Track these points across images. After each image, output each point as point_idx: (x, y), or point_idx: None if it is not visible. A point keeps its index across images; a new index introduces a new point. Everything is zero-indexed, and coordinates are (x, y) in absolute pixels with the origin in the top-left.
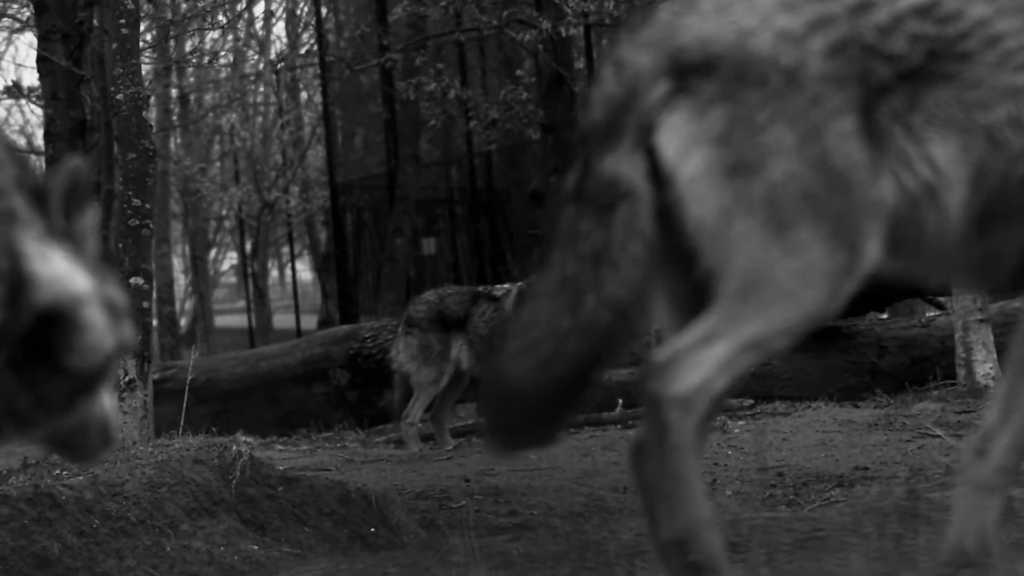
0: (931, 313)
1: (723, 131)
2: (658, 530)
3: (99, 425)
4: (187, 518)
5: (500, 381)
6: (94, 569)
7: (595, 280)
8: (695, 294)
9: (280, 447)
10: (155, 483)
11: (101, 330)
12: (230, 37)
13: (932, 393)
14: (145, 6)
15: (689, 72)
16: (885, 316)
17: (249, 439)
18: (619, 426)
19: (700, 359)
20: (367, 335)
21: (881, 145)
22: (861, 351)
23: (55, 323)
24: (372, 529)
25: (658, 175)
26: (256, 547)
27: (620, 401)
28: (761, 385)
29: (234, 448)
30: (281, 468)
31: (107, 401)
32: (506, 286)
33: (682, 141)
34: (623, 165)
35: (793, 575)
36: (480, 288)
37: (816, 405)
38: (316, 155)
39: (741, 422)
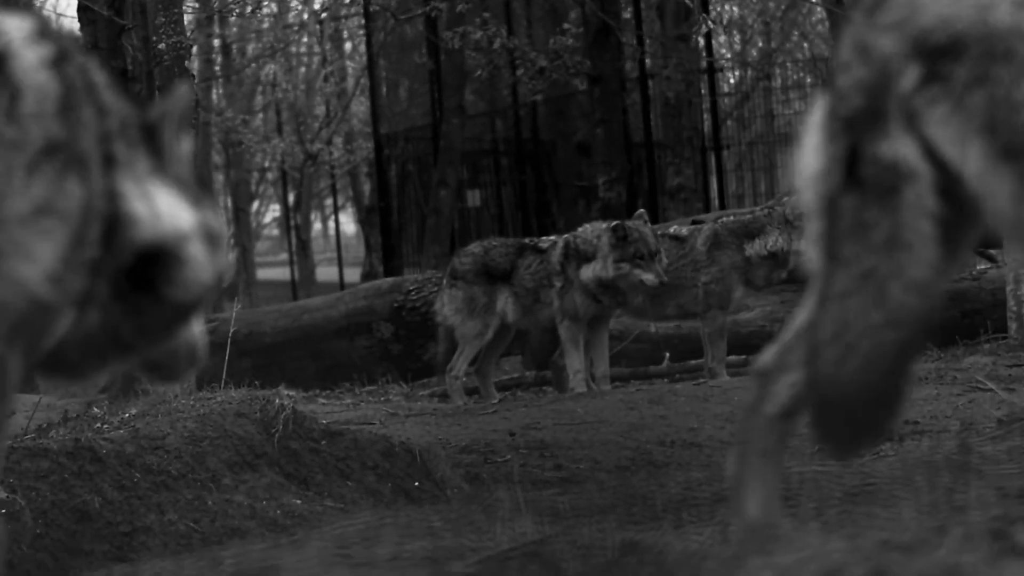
0: (982, 266)
1: (987, 118)
2: None
3: (188, 349)
4: (229, 472)
5: (833, 390)
6: (135, 523)
7: (894, 267)
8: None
9: (323, 401)
10: (197, 437)
11: (202, 263)
12: None
13: (983, 347)
14: None
15: (938, 56)
16: None
17: (292, 392)
18: (666, 380)
19: None
20: (411, 288)
21: None
22: None
23: (157, 258)
24: (416, 483)
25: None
26: (299, 501)
27: (667, 355)
28: None
29: (277, 401)
30: (324, 422)
31: (196, 325)
32: (552, 238)
33: (953, 137)
34: (900, 148)
35: (843, 527)
36: (526, 240)
37: None
38: (360, 106)
39: None
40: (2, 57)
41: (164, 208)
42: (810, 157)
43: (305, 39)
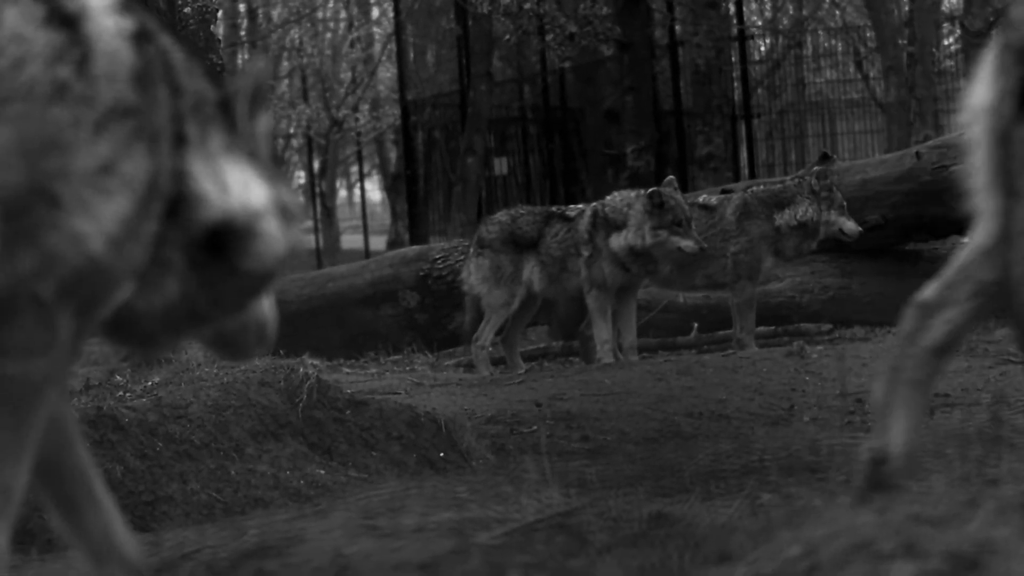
0: None
1: None
2: None
3: (258, 325)
4: (252, 441)
5: None
6: (157, 492)
7: None
8: None
9: (348, 370)
10: (220, 406)
11: (275, 237)
12: None
13: None
14: None
15: None
16: (967, 240)
17: (316, 361)
18: (694, 350)
19: None
20: (437, 256)
21: None
22: None
23: (230, 232)
24: (441, 454)
25: None
26: (322, 471)
27: (695, 325)
28: (840, 310)
29: (301, 370)
30: (349, 391)
31: (266, 303)
32: (580, 206)
33: None
34: None
35: (873, 500)
36: (553, 208)
37: (896, 330)
38: (386, 72)
39: (820, 347)
40: (77, 18)
41: (235, 186)
42: (981, 90)
43: (331, 3)
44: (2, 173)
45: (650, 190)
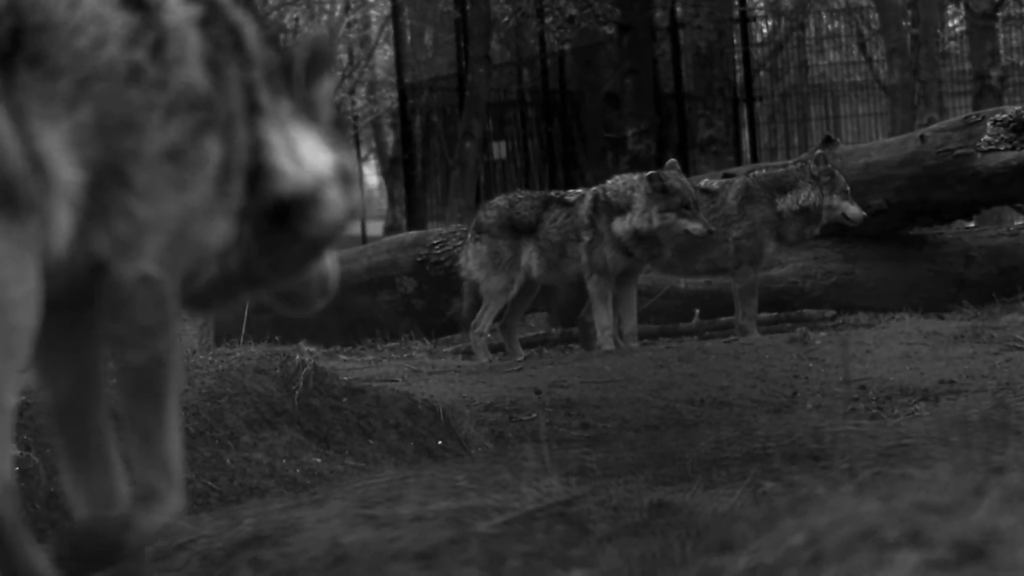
0: (1020, 221)
1: None
2: None
3: (320, 280)
4: (248, 430)
5: None
6: None
7: None
8: None
9: (344, 357)
10: (215, 393)
11: (337, 203)
12: None
13: (1021, 304)
14: None
15: None
16: (972, 224)
17: (312, 348)
18: (696, 337)
19: None
20: (435, 242)
21: None
22: (947, 261)
23: (296, 202)
24: (439, 442)
25: None
26: (319, 460)
27: (697, 311)
28: (843, 295)
29: (297, 357)
30: (345, 378)
31: (328, 258)
32: (579, 191)
33: None
34: None
35: (877, 488)
36: (552, 193)
37: (900, 316)
38: (384, 55)
39: (823, 333)
40: (154, 6)
41: (306, 155)
42: None
43: None
44: (84, 149)
45: (649, 173)
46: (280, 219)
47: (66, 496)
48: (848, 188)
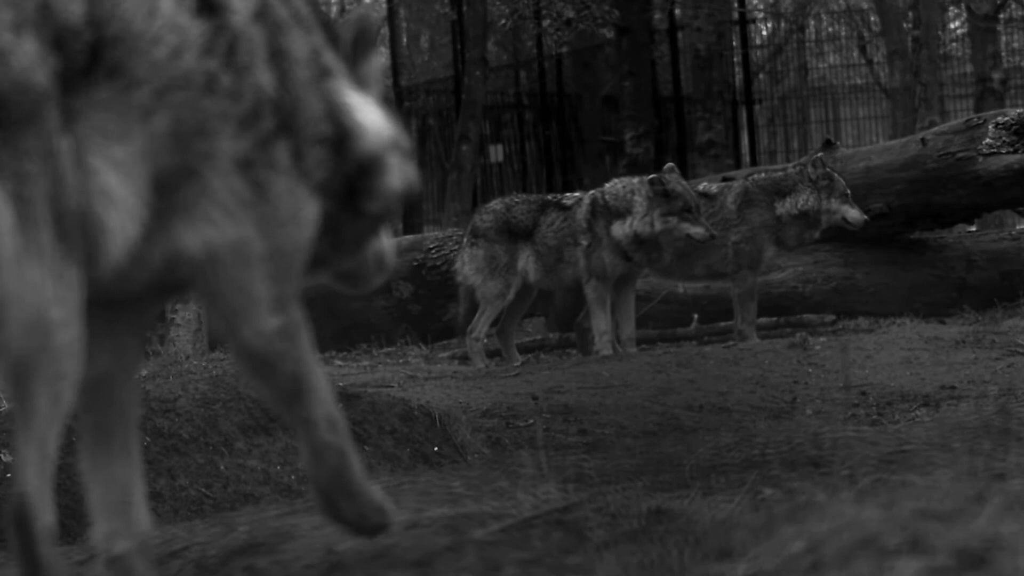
0: (1022, 225)
1: None
2: None
3: (377, 257)
4: (242, 436)
5: None
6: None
7: None
8: None
9: (340, 362)
10: (209, 399)
11: (397, 172)
12: None
13: (1023, 309)
14: None
15: None
16: (974, 228)
17: None
18: (694, 342)
19: None
20: (431, 246)
21: None
22: (948, 265)
23: (365, 171)
24: (435, 448)
25: None
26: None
27: (695, 316)
28: (843, 300)
29: None
30: (341, 384)
31: (385, 235)
32: (577, 194)
33: None
34: None
35: (878, 494)
36: (549, 197)
37: (901, 321)
38: (379, 57)
39: (822, 339)
40: (219, 6)
41: (375, 119)
42: None
43: None
44: (160, 156)
45: (651, 177)
46: (346, 191)
47: (80, 480)
48: (848, 192)
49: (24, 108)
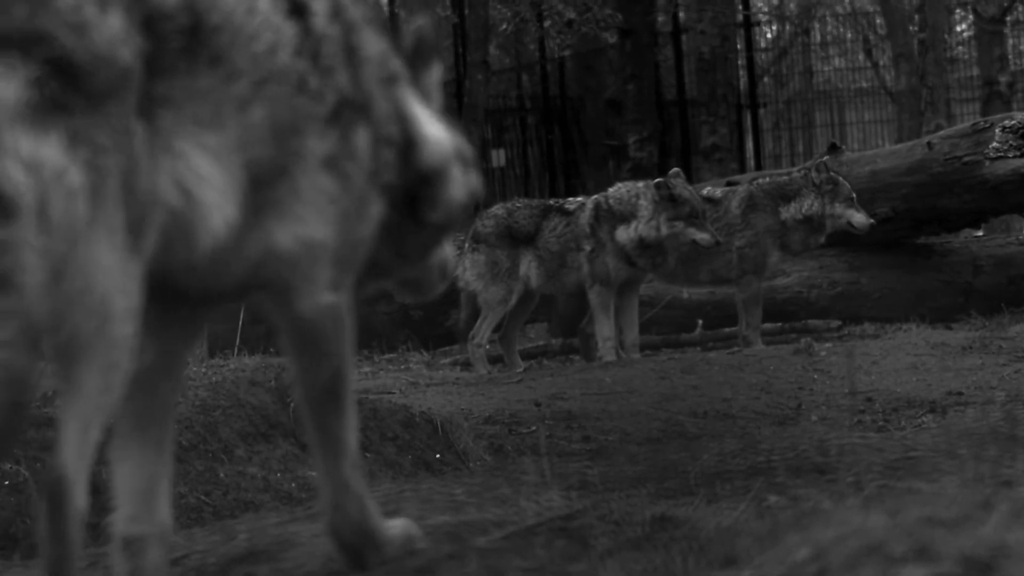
0: None
1: None
2: None
3: (440, 266)
4: (242, 443)
5: None
6: None
7: None
8: None
9: None
10: (209, 406)
11: (460, 182)
12: None
13: None
14: None
15: None
16: (980, 233)
17: None
18: (699, 348)
19: None
20: None
21: None
22: (955, 270)
23: (427, 180)
24: (437, 455)
25: None
26: (314, 473)
27: (700, 322)
28: (849, 305)
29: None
30: None
31: (446, 244)
32: (579, 199)
33: None
34: None
35: (884, 501)
36: (551, 201)
37: (907, 327)
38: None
39: (828, 344)
40: (306, 9)
41: (438, 130)
42: None
43: None
44: (253, 148)
45: (657, 180)
46: (409, 201)
47: (108, 469)
48: (854, 196)
49: (104, 81)
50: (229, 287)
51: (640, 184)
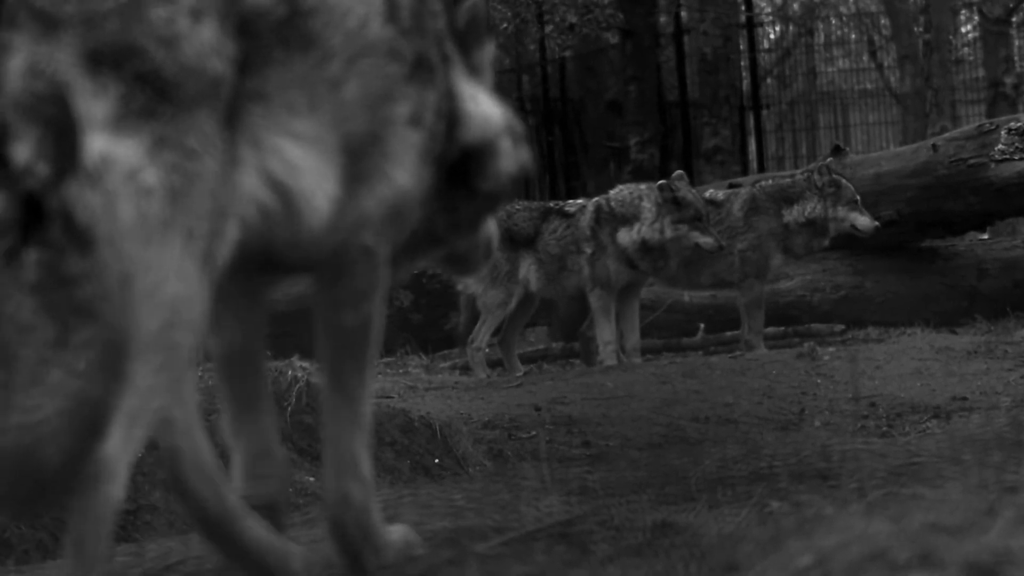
0: None
1: None
2: None
3: (486, 243)
4: None
5: None
6: (139, 501)
7: None
8: None
9: None
10: (205, 410)
11: (510, 156)
12: None
13: None
14: None
15: None
16: (985, 236)
17: (305, 364)
18: (700, 352)
19: None
20: None
21: None
22: (960, 273)
23: (476, 153)
24: (436, 460)
25: None
26: (312, 478)
27: (701, 326)
28: (852, 309)
29: (289, 373)
30: None
31: (491, 222)
32: (580, 201)
33: None
34: None
35: (887, 508)
36: (552, 204)
37: (911, 331)
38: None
39: (831, 349)
40: None
41: (486, 107)
42: None
43: None
44: (350, 122)
45: (660, 182)
46: (459, 173)
47: (226, 445)
48: (857, 198)
49: (192, 91)
50: (327, 254)
51: (642, 186)
